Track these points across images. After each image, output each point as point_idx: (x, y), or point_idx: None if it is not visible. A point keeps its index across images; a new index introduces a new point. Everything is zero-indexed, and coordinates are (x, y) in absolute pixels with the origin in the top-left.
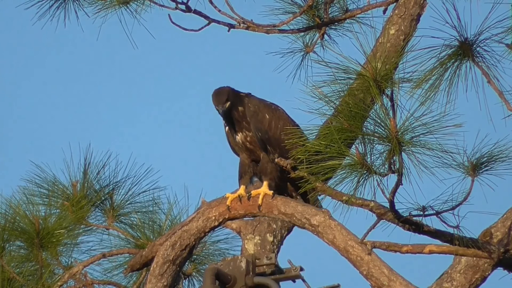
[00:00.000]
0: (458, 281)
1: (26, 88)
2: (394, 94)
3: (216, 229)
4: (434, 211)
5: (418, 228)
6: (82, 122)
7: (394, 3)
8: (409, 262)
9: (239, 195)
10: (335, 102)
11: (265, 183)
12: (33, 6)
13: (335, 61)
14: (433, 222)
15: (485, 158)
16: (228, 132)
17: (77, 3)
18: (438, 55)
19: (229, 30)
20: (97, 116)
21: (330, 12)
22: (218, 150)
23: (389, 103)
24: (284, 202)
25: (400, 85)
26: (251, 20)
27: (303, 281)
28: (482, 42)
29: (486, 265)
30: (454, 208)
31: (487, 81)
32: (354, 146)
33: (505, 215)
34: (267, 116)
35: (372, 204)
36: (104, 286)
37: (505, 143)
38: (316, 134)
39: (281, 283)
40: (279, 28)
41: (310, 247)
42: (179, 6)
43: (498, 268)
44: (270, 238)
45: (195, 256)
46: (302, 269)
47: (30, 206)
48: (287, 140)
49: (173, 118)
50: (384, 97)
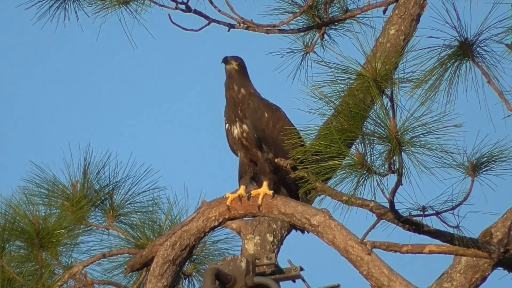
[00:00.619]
0: (458, 281)
1: (26, 88)
2: (394, 94)
3: (216, 229)
4: (434, 211)
5: (418, 228)
6: (82, 122)
7: (394, 3)
8: (409, 262)
9: (239, 195)
10: (335, 102)
11: (265, 183)
12: (33, 6)
13: (335, 61)
14: (433, 222)
15: (485, 158)
16: (228, 129)
17: (77, 3)
18: (438, 55)
19: (229, 30)
20: (97, 116)
21: (330, 12)
22: (218, 150)
23: (389, 103)
24: (284, 202)
25: (400, 85)
26: (251, 20)
27: (303, 281)
28: (482, 42)
29: (486, 265)
30: (454, 208)
31: (487, 81)
32: (354, 146)
33: (505, 215)
34: (266, 115)
35: (372, 204)
36: (104, 286)
37: (505, 143)
38: (316, 134)
39: (281, 283)
40: (279, 28)
41: (310, 247)
42: (179, 6)
43: (498, 268)
44: (270, 238)
45: (195, 256)
46: (302, 269)
47: (30, 206)
48: (284, 141)
49: (173, 118)
50: (384, 97)
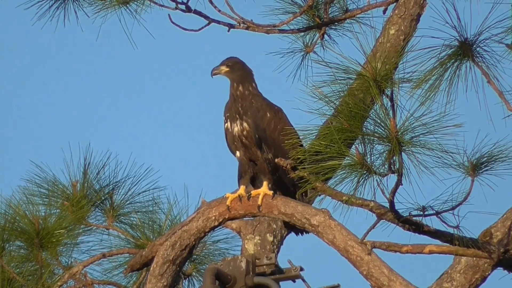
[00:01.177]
0: (458, 281)
1: (26, 88)
2: (394, 94)
3: (216, 229)
4: (434, 211)
5: (418, 228)
6: (82, 122)
7: (394, 3)
8: (409, 262)
9: (239, 195)
10: (335, 102)
11: (264, 183)
12: (33, 6)
13: (335, 61)
14: (433, 222)
15: (485, 158)
16: (227, 128)
17: (76, 3)
18: (438, 55)
19: (229, 30)
20: (97, 116)
21: (330, 12)
22: (218, 150)
23: (389, 103)
24: (284, 202)
25: (400, 85)
26: (251, 20)
27: (303, 281)
28: (482, 42)
29: (486, 265)
30: (454, 208)
31: (487, 81)
32: (354, 146)
33: (505, 215)
34: (268, 115)
35: (372, 204)
36: (104, 286)
37: (505, 143)
38: (316, 134)
39: (281, 283)
40: (279, 28)
41: (310, 247)
42: (179, 6)
43: (498, 268)
44: (270, 238)
45: (195, 256)
46: (302, 269)
47: (30, 206)
48: (284, 141)
49: (173, 118)
50: (384, 97)
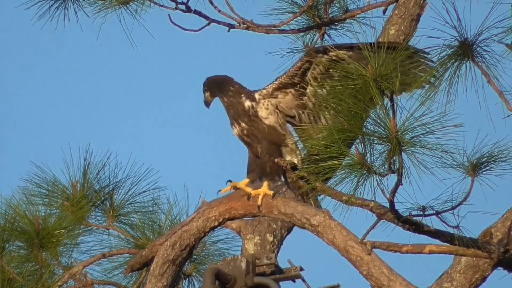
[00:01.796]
0: (458, 281)
1: (26, 88)
2: (394, 94)
3: (216, 229)
4: (434, 211)
5: (418, 228)
6: (82, 122)
7: (394, 3)
8: (409, 262)
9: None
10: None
11: (265, 183)
12: (33, 6)
13: None
14: (433, 222)
15: (485, 158)
16: (234, 135)
17: (76, 4)
18: (438, 55)
19: (229, 30)
20: (97, 116)
21: (330, 12)
22: (218, 150)
23: (389, 103)
24: (284, 202)
25: None
26: (251, 20)
27: (303, 281)
28: (482, 42)
29: (486, 265)
30: (454, 208)
31: (487, 81)
32: (354, 146)
33: (505, 215)
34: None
35: (372, 204)
36: (104, 286)
37: (505, 143)
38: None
39: (281, 283)
40: (279, 28)
41: (310, 247)
42: (179, 6)
43: (498, 268)
44: (270, 238)
45: (195, 256)
46: (302, 269)
47: (30, 206)
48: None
49: (173, 118)
50: (384, 97)
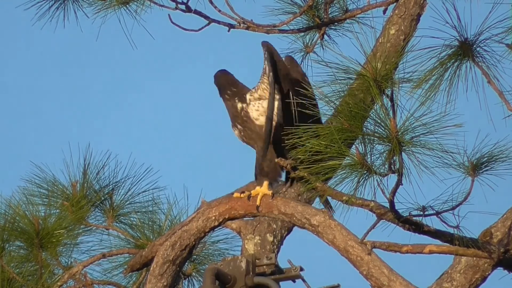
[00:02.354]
0: (458, 281)
1: (25, 88)
2: (394, 94)
3: (216, 229)
4: (434, 211)
5: (418, 228)
6: (82, 122)
7: (394, 3)
8: (409, 262)
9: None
10: (335, 102)
11: (265, 183)
12: (33, 7)
13: (335, 61)
14: (433, 222)
15: (485, 158)
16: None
17: (76, 4)
18: (438, 55)
19: (229, 30)
20: (97, 116)
21: (330, 12)
22: (218, 150)
23: (389, 103)
24: (284, 202)
25: (400, 85)
26: (251, 20)
27: (303, 281)
28: (482, 42)
29: (486, 265)
30: (454, 208)
31: (487, 81)
32: (354, 146)
33: (505, 215)
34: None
35: (372, 204)
36: (104, 286)
37: (505, 143)
38: (316, 134)
39: (281, 283)
40: (279, 28)
41: (310, 247)
42: (179, 6)
43: (498, 268)
44: (270, 238)
45: (195, 256)
46: (302, 269)
47: (30, 206)
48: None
49: (173, 118)
50: (384, 97)
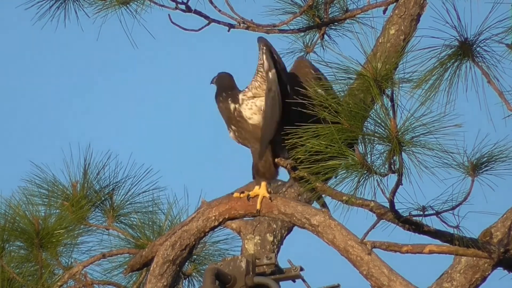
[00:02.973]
0: (458, 281)
1: (25, 88)
2: (394, 94)
3: (216, 229)
4: (434, 211)
5: (418, 228)
6: (82, 122)
7: (394, 3)
8: (409, 262)
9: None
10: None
11: (263, 184)
12: (33, 6)
13: (335, 61)
14: (433, 222)
15: (485, 158)
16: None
17: (77, 4)
18: (438, 55)
19: (229, 30)
20: (97, 116)
21: (330, 12)
22: (218, 150)
23: (389, 103)
24: (284, 202)
25: (400, 85)
26: (251, 20)
27: (303, 281)
28: (482, 42)
29: (486, 265)
30: (454, 208)
31: (487, 81)
32: (354, 146)
33: (505, 215)
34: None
35: (372, 204)
36: (104, 286)
37: (505, 143)
38: (316, 133)
39: (281, 283)
40: (279, 28)
41: (310, 247)
42: (179, 6)
43: (498, 268)
44: (270, 238)
45: (195, 256)
46: (302, 269)
47: (30, 206)
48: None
49: (173, 118)
50: (384, 97)
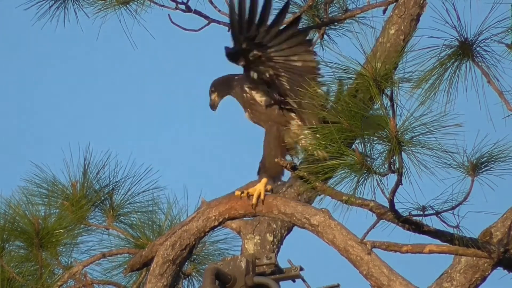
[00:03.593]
0: (458, 281)
1: (25, 88)
2: (393, 94)
3: (216, 229)
4: (434, 211)
5: (418, 228)
6: (82, 122)
7: (394, 3)
8: (409, 262)
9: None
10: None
11: (263, 180)
12: (33, 7)
13: (335, 61)
14: (433, 222)
15: (485, 158)
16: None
17: (76, 4)
18: (438, 55)
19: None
20: (97, 116)
21: (330, 12)
22: (218, 150)
23: (388, 103)
24: (284, 202)
25: (400, 85)
26: None
27: (303, 281)
28: (482, 42)
29: (486, 265)
30: (454, 208)
31: (487, 81)
32: (354, 146)
33: (505, 215)
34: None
35: (372, 204)
36: (104, 286)
37: (505, 143)
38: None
39: (281, 283)
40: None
41: (310, 247)
42: (179, 6)
43: (498, 268)
44: (270, 238)
45: (195, 256)
46: (302, 269)
47: (30, 206)
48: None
49: (172, 118)
50: (384, 97)
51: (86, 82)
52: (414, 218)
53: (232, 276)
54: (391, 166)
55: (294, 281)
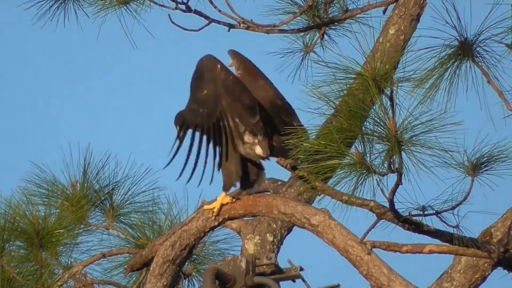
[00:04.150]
0: (458, 281)
1: (25, 88)
2: (393, 94)
3: (216, 229)
4: (434, 211)
5: (418, 227)
6: (82, 122)
7: (394, 3)
8: (409, 262)
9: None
10: (335, 101)
11: (221, 195)
12: (33, 7)
13: (335, 61)
14: (433, 222)
15: (485, 158)
16: None
17: (76, 4)
18: (438, 55)
19: (229, 30)
20: (97, 116)
21: (330, 12)
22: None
23: (388, 103)
24: (284, 202)
25: (399, 84)
26: (251, 20)
27: (303, 281)
28: (482, 42)
29: (486, 265)
30: (454, 208)
31: (487, 81)
32: (353, 146)
33: (505, 215)
34: None
35: (371, 203)
36: (104, 286)
37: (505, 143)
38: (315, 133)
39: (281, 283)
40: (279, 28)
41: (310, 247)
42: (179, 6)
43: (498, 268)
44: (270, 238)
45: (195, 256)
46: (302, 269)
47: (30, 206)
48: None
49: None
50: (383, 96)
51: (86, 82)
52: (414, 218)
53: (232, 276)
54: (391, 165)
55: (294, 281)
